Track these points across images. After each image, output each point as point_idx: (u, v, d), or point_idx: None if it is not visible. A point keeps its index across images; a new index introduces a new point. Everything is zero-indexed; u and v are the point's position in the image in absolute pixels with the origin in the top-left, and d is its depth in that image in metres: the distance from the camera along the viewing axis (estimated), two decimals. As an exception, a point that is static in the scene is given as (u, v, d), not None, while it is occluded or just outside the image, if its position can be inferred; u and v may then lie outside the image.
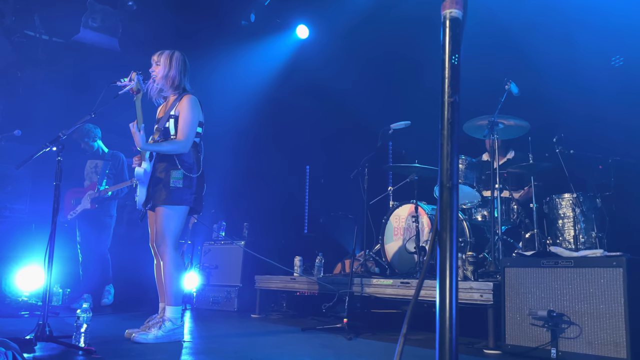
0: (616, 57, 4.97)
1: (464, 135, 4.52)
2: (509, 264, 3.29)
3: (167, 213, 3.35)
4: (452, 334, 0.98)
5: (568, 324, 2.93)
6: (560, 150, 4.29)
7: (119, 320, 4.43)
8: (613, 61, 4.96)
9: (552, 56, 5.00)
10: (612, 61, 4.96)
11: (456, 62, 1.05)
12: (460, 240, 4.60)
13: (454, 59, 1.03)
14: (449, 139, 1.02)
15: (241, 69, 6.95)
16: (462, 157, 4.58)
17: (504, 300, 3.24)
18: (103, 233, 5.64)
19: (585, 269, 2.93)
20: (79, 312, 2.92)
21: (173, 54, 3.56)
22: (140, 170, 3.42)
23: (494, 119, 4.17)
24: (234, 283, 5.65)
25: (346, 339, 3.62)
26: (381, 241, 5.07)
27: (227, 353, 3.06)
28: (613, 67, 5.01)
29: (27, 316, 4.56)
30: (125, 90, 3.34)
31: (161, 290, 3.50)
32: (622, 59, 4.95)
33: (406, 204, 4.94)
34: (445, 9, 1.06)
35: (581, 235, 4.15)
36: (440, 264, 1.00)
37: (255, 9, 6.90)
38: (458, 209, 1.08)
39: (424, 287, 3.67)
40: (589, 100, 4.78)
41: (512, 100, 4.21)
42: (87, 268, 5.57)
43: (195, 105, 3.50)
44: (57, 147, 3.12)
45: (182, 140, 3.40)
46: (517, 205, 4.65)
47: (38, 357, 2.72)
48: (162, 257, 3.38)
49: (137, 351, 2.95)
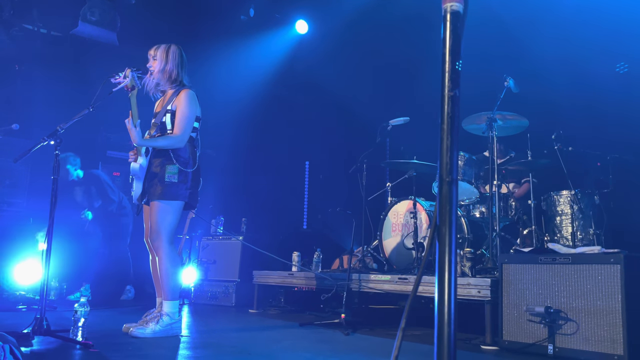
0: (620, 64, 4.97)
1: (463, 131, 4.52)
2: (506, 260, 3.29)
3: (162, 208, 3.34)
4: (450, 329, 0.98)
5: (565, 321, 2.93)
6: (558, 147, 4.30)
7: (117, 315, 4.43)
8: (618, 68, 4.96)
9: (551, 53, 5.00)
10: (617, 68, 4.96)
11: (458, 65, 1.05)
12: (458, 237, 4.60)
13: (454, 53, 1.03)
14: (448, 133, 1.02)
15: (240, 64, 6.93)
16: (460, 154, 4.58)
17: (502, 297, 3.24)
18: (121, 232, 5.92)
19: (582, 266, 2.93)
20: (76, 306, 2.92)
21: (169, 47, 3.54)
22: (136, 166, 3.41)
23: (493, 116, 4.16)
24: (232, 278, 5.66)
25: (344, 334, 3.62)
26: (379, 237, 5.07)
27: (224, 348, 3.06)
28: (614, 66, 5.01)
29: (25, 310, 4.55)
30: (120, 87, 3.32)
31: (158, 285, 3.49)
32: (626, 65, 4.95)
33: (404, 200, 4.94)
34: (446, 3, 1.06)
35: (579, 232, 4.16)
36: (440, 257, 1.00)
37: (255, 4, 6.88)
38: (457, 203, 1.07)
39: (423, 283, 3.67)
40: (588, 97, 4.78)
41: (511, 97, 4.21)
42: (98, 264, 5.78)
43: (193, 99, 3.48)
44: (55, 141, 3.11)
45: (177, 135, 3.39)
46: (515, 201, 4.66)
47: (35, 350, 2.71)
48: (157, 252, 3.38)
49: (134, 345, 2.95)
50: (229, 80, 6.74)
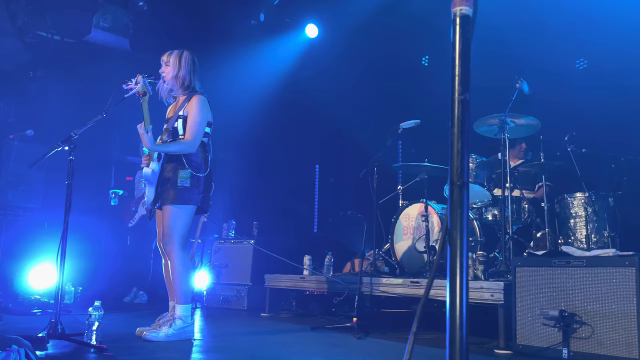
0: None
1: (475, 134, 4.50)
2: (519, 263, 3.27)
3: (175, 212, 3.37)
4: (462, 333, 0.98)
5: (580, 324, 2.90)
6: (572, 149, 4.25)
7: (130, 318, 4.46)
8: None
9: (563, 55, 4.97)
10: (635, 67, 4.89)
11: (466, 61, 1.04)
12: (471, 240, 4.58)
13: (463, 57, 1.03)
14: (459, 137, 1.02)
15: (251, 68, 6.96)
16: (472, 156, 4.55)
17: (515, 300, 3.21)
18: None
19: (597, 269, 2.90)
20: (90, 310, 2.95)
21: (182, 53, 3.57)
22: (149, 171, 3.44)
23: (505, 118, 4.14)
24: (243, 282, 5.67)
25: (356, 338, 3.61)
26: (391, 240, 5.05)
27: (237, 351, 3.07)
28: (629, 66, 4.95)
29: (40, 314, 4.60)
30: (132, 93, 3.36)
31: (170, 288, 3.52)
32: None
33: (416, 203, 4.92)
34: (455, 7, 1.06)
35: (593, 234, 4.12)
36: (451, 262, 1.00)
37: (265, 9, 6.91)
38: (468, 207, 1.07)
39: (435, 287, 3.66)
40: (601, 98, 4.74)
41: (523, 99, 4.18)
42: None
43: (204, 105, 3.51)
44: (69, 147, 3.14)
45: (189, 141, 3.41)
46: (528, 204, 4.62)
47: (50, 354, 2.74)
48: (170, 257, 3.40)
49: (148, 349, 2.97)
50: (240, 84, 6.78)
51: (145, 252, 6.06)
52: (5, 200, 5.66)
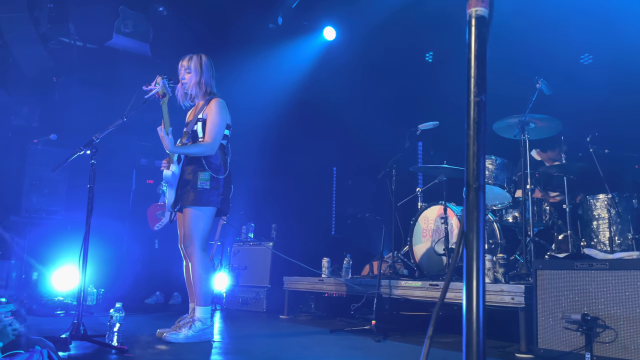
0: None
1: (495, 135, 4.44)
2: (541, 266, 3.22)
3: (195, 214, 3.40)
4: (479, 337, 0.97)
5: (603, 328, 2.85)
6: (594, 150, 4.18)
7: (151, 320, 4.51)
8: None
9: (584, 54, 4.88)
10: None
11: (482, 62, 1.04)
12: (491, 242, 4.53)
13: (479, 58, 1.02)
14: (475, 139, 1.01)
15: (269, 71, 7.00)
16: (492, 158, 4.50)
17: (536, 303, 3.17)
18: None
19: (620, 272, 2.84)
20: (112, 311, 2.99)
21: (201, 59, 3.59)
22: (169, 173, 3.48)
23: (525, 119, 4.08)
24: (262, 284, 5.70)
25: (375, 341, 3.60)
26: (409, 243, 5.03)
27: (256, 353, 3.08)
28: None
29: (63, 315, 4.68)
30: (151, 94, 3.40)
31: (190, 290, 3.55)
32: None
33: (435, 205, 4.88)
34: (471, 8, 1.05)
35: (617, 236, 4.04)
36: (467, 265, 0.99)
37: (283, 12, 6.94)
38: (485, 209, 1.06)
39: (453, 290, 3.63)
40: (624, 98, 4.64)
41: (543, 99, 4.12)
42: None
43: (223, 108, 3.54)
44: (91, 151, 3.19)
45: (208, 143, 3.45)
46: (549, 206, 4.55)
47: (72, 355, 2.79)
48: (190, 258, 3.43)
49: (168, 350, 3.00)
50: (258, 86, 6.82)
51: (177, 254, 6.14)
52: (29, 203, 5.78)
